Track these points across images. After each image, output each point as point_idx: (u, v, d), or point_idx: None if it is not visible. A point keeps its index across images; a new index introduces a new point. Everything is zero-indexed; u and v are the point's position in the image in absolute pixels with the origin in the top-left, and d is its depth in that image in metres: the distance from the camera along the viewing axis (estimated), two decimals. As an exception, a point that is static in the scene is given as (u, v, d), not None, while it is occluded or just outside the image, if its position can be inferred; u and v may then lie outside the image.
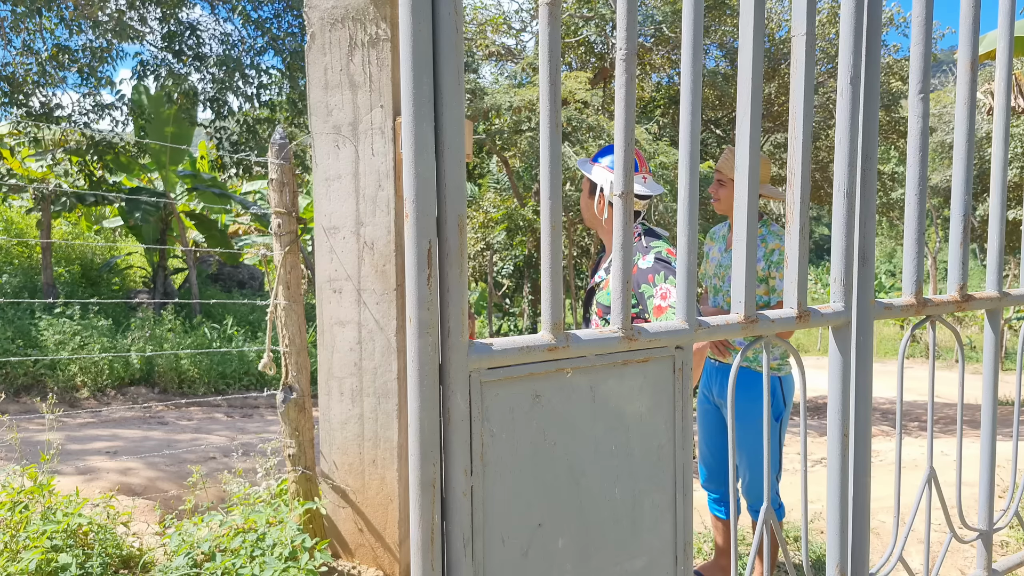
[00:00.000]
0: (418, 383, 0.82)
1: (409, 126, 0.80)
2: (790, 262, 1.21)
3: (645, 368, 1.04)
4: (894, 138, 15.60)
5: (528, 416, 0.93)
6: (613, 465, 1.02)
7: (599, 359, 0.98)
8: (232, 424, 7.21)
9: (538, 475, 0.94)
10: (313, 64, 3.05)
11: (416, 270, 0.81)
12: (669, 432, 1.07)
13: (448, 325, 0.83)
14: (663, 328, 1.04)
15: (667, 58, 14.67)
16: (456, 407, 0.84)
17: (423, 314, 0.81)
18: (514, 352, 0.89)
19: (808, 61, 1.15)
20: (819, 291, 30.81)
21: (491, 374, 0.88)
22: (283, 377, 3.13)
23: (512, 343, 0.89)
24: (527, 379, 0.92)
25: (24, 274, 11.39)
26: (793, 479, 6.33)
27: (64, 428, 6.25)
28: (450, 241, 0.82)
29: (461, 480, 0.86)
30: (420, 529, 0.84)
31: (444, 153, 0.81)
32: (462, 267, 0.82)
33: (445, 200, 0.82)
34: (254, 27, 11.28)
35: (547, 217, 0.93)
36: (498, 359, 0.88)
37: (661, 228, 3.90)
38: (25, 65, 9.64)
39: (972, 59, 1.41)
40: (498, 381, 0.89)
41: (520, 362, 0.91)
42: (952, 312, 1.43)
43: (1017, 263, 23.28)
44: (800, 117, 1.17)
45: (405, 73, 0.79)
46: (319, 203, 3.09)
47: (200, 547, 2.83)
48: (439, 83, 0.81)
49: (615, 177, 1.00)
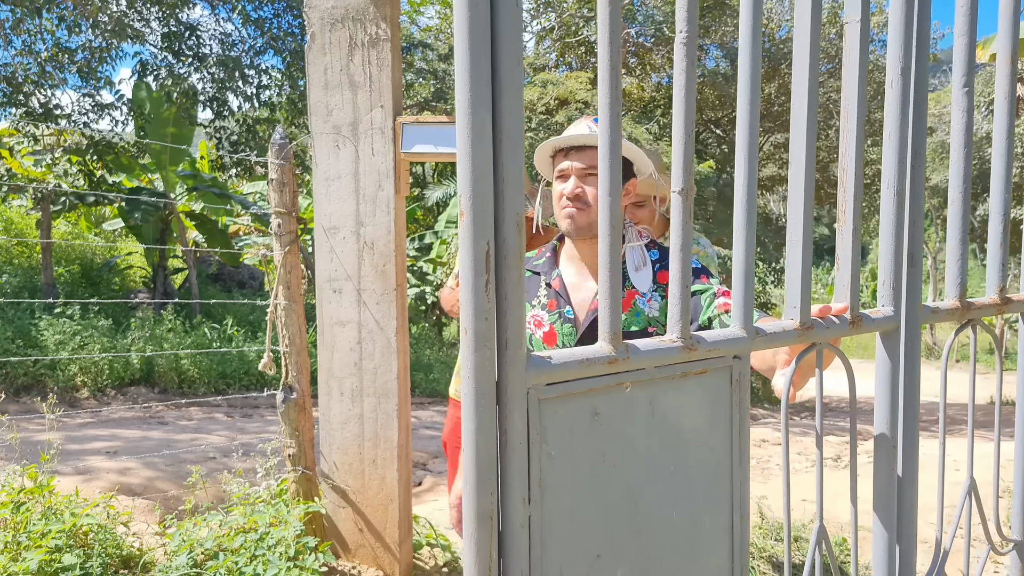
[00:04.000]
0: (475, 403, 0.73)
1: (465, 113, 0.71)
2: (843, 264, 1.15)
3: (703, 380, 0.97)
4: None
5: (587, 435, 0.85)
6: (671, 485, 0.95)
7: (658, 372, 0.91)
8: (232, 424, 7.21)
9: (596, 500, 0.87)
10: (313, 64, 3.05)
11: (472, 275, 0.71)
12: (726, 449, 1.01)
13: (506, 336, 0.74)
14: (721, 337, 0.97)
15: (667, 58, 14.66)
16: (514, 428, 0.76)
17: (481, 325, 0.72)
18: (573, 366, 0.81)
19: (863, 49, 1.08)
20: (819, 291, 30.81)
21: (549, 391, 0.80)
22: (283, 377, 3.13)
23: (571, 356, 0.82)
24: (586, 395, 0.84)
25: (24, 274, 11.39)
26: (793, 479, 6.34)
27: (64, 428, 6.25)
28: (508, 242, 0.73)
29: (519, 510, 0.78)
30: (477, 568, 0.76)
31: (502, 143, 0.72)
32: (521, 271, 0.74)
33: (503, 196, 0.73)
34: (254, 27, 11.28)
35: (606, 217, 0.84)
36: (557, 373, 0.80)
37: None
38: (25, 65, 9.64)
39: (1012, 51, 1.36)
40: (557, 398, 0.81)
41: (579, 376, 0.83)
42: (993, 315, 1.38)
43: (1018, 263, 23.29)
44: (854, 109, 1.10)
45: (460, 51, 0.70)
46: (319, 203, 3.09)
47: (202, 546, 2.83)
48: (497, 63, 0.72)
49: (675, 172, 0.91)
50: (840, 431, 9.61)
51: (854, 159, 1.12)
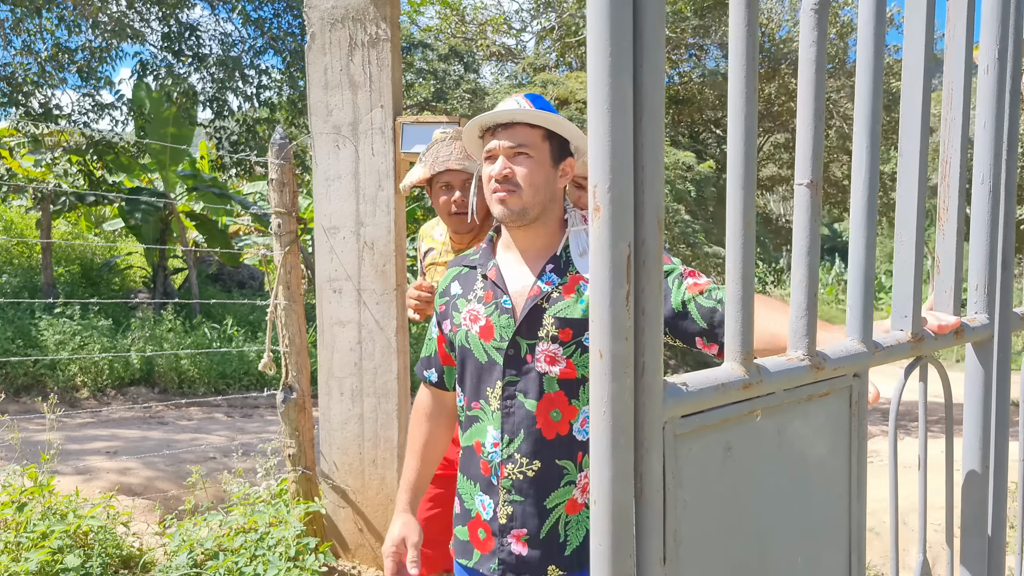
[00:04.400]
0: (611, 445, 0.59)
1: (602, 80, 0.56)
2: (944, 267, 1.02)
3: (826, 403, 0.84)
4: (895, 138, 15.61)
5: (720, 475, 0.73)
6: (795, 524, 0.82)
7: (787, 395, 0.79)
8: (232, 424, 7.21)
9: (727, 548, 0.75)
10: (313, 64, 3.05)
11: (611, 284, 0.57)
12: (845, 480, 0.88)
13: (643, 360, 0.61)
14: (843, 352, 0.85)
15: (667, 58, 14.66)
16: (651, 472, 0.63)
17: (620, 347, 0.57)
18: (710, 392, 0.68)
19: (969, 24, 0.95)
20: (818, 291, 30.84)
21: (684, 424, 0.67)
22: (283, 377, 3.13)
23: (706, 380, 0.69)
24: (720, 427, 0.72)
25: (24, 274, 11.39)
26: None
27: (63, 428, 6.25)
28: (648, 244, 0.60)
29: (656, 572, 0.65)
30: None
31: (643, 121, 0.58)
32: (659, 279, 0.61)
33: (644, 187, 0.59)
34: (254, 27, 11.28)
35: (738, 214, 0.71)
36: (692, 403, 0.67)
37: None
38: (25, 65, 9.64)
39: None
40: (692, 433, 0.68)
41: (714, 405, 0.70)
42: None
43: (1018, 262, 23.28)
44: (959, 94, 0.97)
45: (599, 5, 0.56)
46: (319, 203, 3.09)
47: (202, 546, 2.83)
48: (639, 24, 0.58)
49: (801, 161, 0.78)
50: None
51: (959, 149, 0.99)
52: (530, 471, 1.43)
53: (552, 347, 1.42)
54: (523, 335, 1.44)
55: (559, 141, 1.47)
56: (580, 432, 1.42)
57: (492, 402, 1.46)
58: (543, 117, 1.45)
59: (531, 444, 1.42)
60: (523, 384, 1.43)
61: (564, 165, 1.48)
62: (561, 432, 1.42)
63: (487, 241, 1.58)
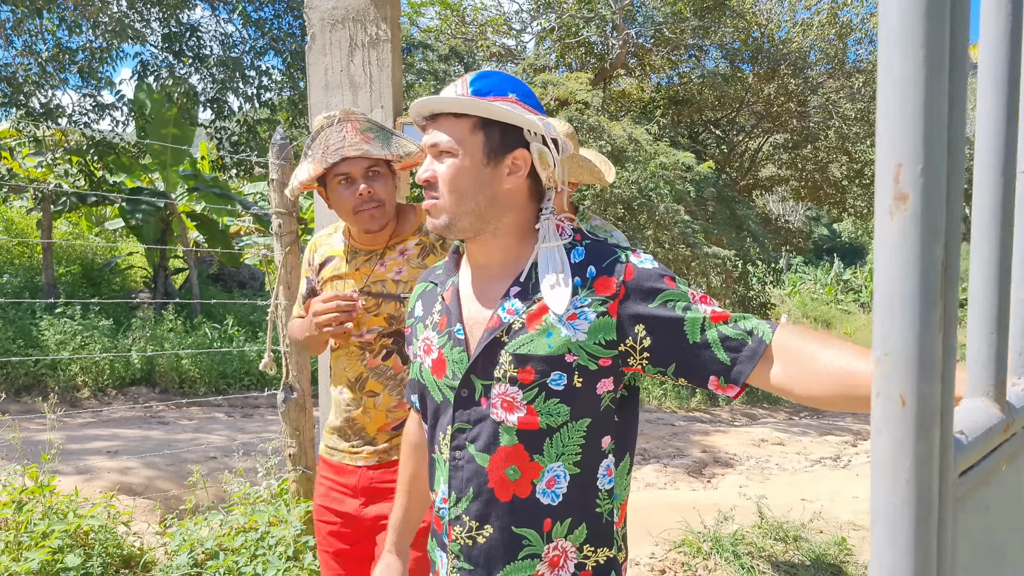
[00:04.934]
0: (913, 520, 0.43)
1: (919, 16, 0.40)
2: None
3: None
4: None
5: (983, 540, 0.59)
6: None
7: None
8: (232, 424, 7.22)
9: None
10: (313, 65, 3.06)
11: (920, 305, 0.42)
12: None
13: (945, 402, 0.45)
14: None
15: (667, 59, 14.67)
16: (944, 547, 0.46)
17: (929, 391, 0.43)
18: (981, 441, 0.54)
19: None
20: (817, 291, 30.86)
21: (963, 483, 0.53)
22: (283, 377, 3.14)
23: (975, 425, 0.55)
24: (984, 482, 0.57)
25: (25, 274, 11.41)
26: (792, 479, 6.34)
27: (64, 428, 6.26)
28: (954, 254, 0.45)
29: None
30: None
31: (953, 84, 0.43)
32: (956, 297, 0.45)
33: (954, 175, 0.44)
34: (255, 28, 11.29)
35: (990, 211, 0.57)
36: (969, 456, 0.53)
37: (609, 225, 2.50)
38: (25, 66, 9.66)
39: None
40: (968, 493, 0.54)
41: (981, 455, 0.56)
42: None
43: (1017, 263, 23.24)
44: None
45: None
46: (319, 203, 3.10)
47: (202, 546, 2.84)
48: None
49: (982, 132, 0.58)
50: (840, 431, 9.62)
51: None
52: (480, 537, 1.16)
53: (510, 389, 1.12)
54: (478, 374, 1.15)
55: (501, 130, 1.13)
56: (546, 494, 1.13)
57: (443, 450, 1.20)
58: (461, 103, 1.12)
59: (481, 505, 1.15)
60: (474, 432, 1.16)
61: (511, 159, 1.14)
62: (520, 494, 1.13)
63: (452, 252, 1.29)
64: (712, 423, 9.86)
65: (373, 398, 1.86)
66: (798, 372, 1.02)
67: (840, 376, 0.98)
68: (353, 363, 1.87)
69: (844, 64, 14.39)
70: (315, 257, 1.97)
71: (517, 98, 1.16)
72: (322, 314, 1.73)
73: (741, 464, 7.19)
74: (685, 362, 1.09)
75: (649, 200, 10.27)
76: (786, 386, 1.03)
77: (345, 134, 1.75)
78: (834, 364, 0.99)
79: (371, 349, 1.85)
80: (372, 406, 1.86)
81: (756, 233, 12.82)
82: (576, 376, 1.11)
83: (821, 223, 35.70)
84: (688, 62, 14.95)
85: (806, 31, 14.25)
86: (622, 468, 1.20)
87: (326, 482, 1.97)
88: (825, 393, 0.99)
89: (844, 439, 9.05)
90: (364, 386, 1.87)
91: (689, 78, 15.07)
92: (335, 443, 1.96)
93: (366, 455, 1.89)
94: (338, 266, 1.91)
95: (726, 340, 1.07)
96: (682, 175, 10.82)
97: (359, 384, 1.87)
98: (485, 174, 1.14)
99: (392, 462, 1.88)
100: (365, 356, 1.85)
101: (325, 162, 1.73)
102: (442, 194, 1.14)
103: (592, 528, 1.16)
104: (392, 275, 1.84)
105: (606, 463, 1.17)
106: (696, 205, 11.75)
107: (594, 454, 1.15)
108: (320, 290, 1.94)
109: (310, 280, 2.00)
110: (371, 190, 1.75)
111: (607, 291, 1.11)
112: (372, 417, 1.87)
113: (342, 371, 1.90)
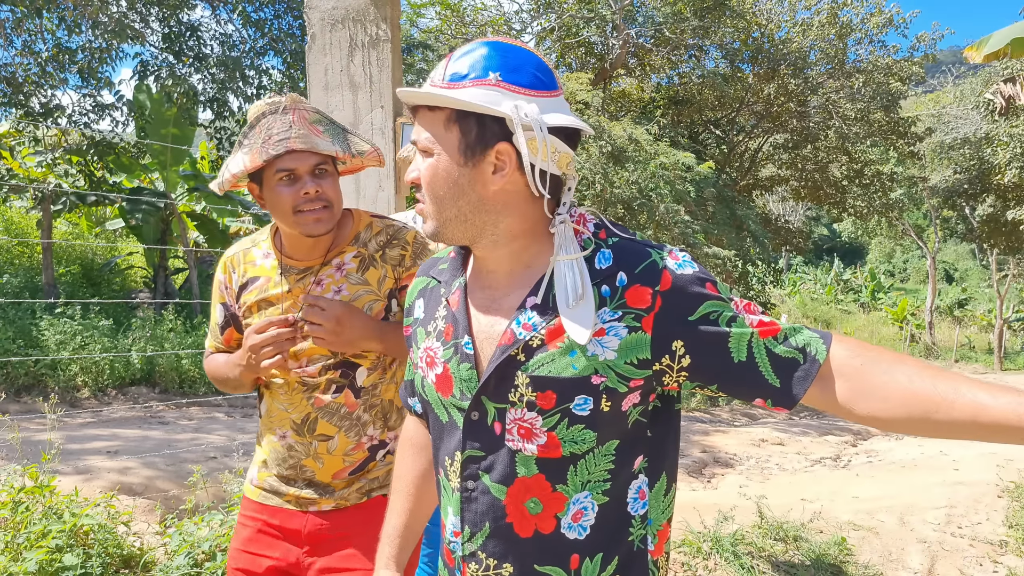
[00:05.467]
0: None
1: None
2: None
3: None
4: (894, 139, 15.61)
5: None
6: None
7: None
8: (232, 424, 7.22)
9: None
10: (313, 65, 3.05)
11: None
12: None
13: None
14: None
15: (667, 59, 14.67)
16: None
17: None
18: None
19: None
20: (817, 291, 30.83)
21: None
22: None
23: None
24: None
25: (25, 274, 11.41)
26: (792, 479, 6.34)
27: (64, 428, 6.26)
28: None
29: None
30: None
31: None
32: None
33: None
34: (255, 28, 11.29)
35: None
36: None
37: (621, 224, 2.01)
38: (25, 66, 9.66)
39: None
40: None
41: None
42: None
43: (1017, 263, 23.29)
44: None
45: None
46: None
47: (201, 546, 2.84)
48: None
49: None
50: (840, 431, 9.62)
51: None
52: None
53: (528, 415, 0.98)
54: (490, 396, 1.00)
55: (478, 121, 0.95)
56: (572, 528, 1.00)
57: (452, 478, 1.05)
58: (421, 94, 0.97)
59: (500, 542, 1.02)
60: (488, 462, 1.01)
61: (493, 155, 0.96)
62: (542, 529, 1.00)
63: (458, 247, 1.11)
64: (712, 423, 9.86)
65: (326, 442, 1.56)
66: (859, 393, 0.93)
67: (922, 396, 0.89)
68: (297, 402, 1.57)
69: (844, 64, 14.39)
70: (232, 279, 1.64)
71: (500, 78, 0.95)
72: (261, 347, 1.48)
73: (741, 464, 7.19)
74: (729, 382, 0.97)
75: (649, 200, 10.27)
76: (846, 406, 0.94)
77: (292, 123, 1.49)
78: (914, 383, 0.90)
79: (317, 386, 1.56)
80: (325, 451, 1.56)
81: (756, 233, 12.82)
82: (604, 400, 0.96)
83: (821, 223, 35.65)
84: (688, 62, 14.94)
85: (806, 31, 14.24)
86: (658, 489, 1.05)
87: (254, 523, 1.62)
88: (896, 416, 0.91)
89: (844, 439, 9.05)
90: (314, 429, 1.56)
91: (689, 78, 15.07)
92: (275, 486, 1.62)
93: (320, 502, 1.59)
94: (264, 287, 1.59)
95: (775, 360, 0.95)
96: (682, 175, 10.82)
97: (307, 427, 1.57)
98: (464, 175, 0.97)
99: (354, 507, 1.59)
100: (311, 394, 1.56)
101: (266, 153, 1.45)
102: (424, 198, 1.02)
103: (623, 560, 1.02)
104: (331, 295, 1.54)
105: (637, 484, 1.02)
106: (696, 205, 11.74)
107: (624, 477, 1.01)
108: (242, 318, 1.62)
109: (227, 307, 1.66)
110: (319, 189, 1.48)
111: (641, 303, 0.96)
112: (326, 464, 1.57)
113: (282, 412, 1.59)
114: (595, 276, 0.97)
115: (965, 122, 17.61)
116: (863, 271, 34.37)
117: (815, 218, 33.49)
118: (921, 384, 0.90)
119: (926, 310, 24.45)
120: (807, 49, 14.34)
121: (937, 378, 0.90)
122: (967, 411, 0.86)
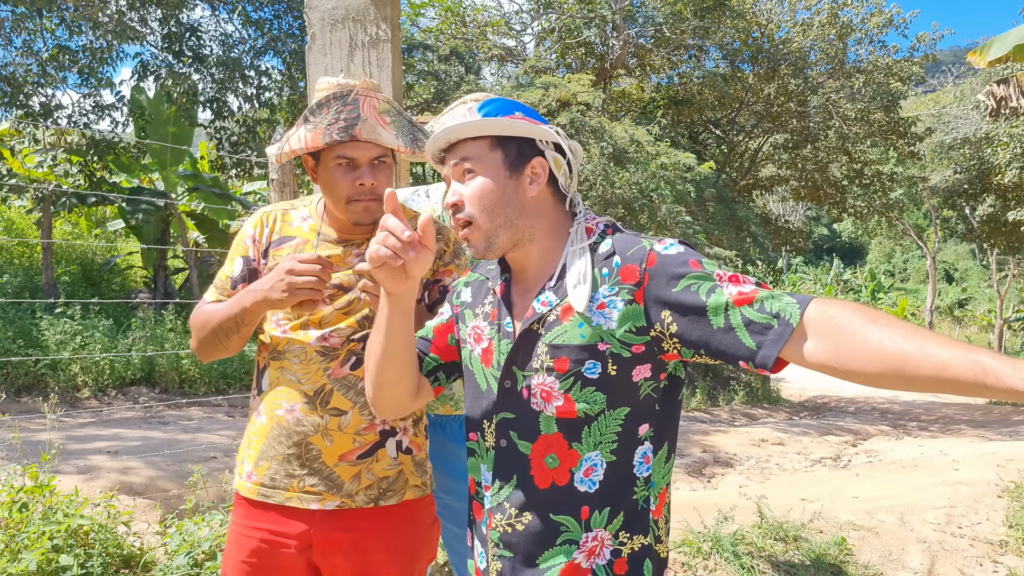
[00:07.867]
0: None
1: None
2: None
3: None
4: (894, 139, 15.61)
5: None
6: None
7: None
8: (233, 424, 7.22)
9: None
10: (313, 65, 3.05)
11: None
12: None
13: None
14: None
15: (667, 59, 14.67)
16: None
17: None
18: None
19: None
20: (817, 291, 30.82)
21: None
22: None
23: None
24: None
25: (25, 274, 11.41)
26: (792, 479, 6.34)
27: (64, 428, 6.26)
28: None
29: None
30: None
31: None
32: None
33: None
34: (254, 28, 11.29)
35: None
36: None
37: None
38: (25, 65, 9.66)
39: None
40: None
41: None
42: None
43: (1017, 263, 23.29)
44: None
45: None
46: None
47: (201, 546, 2.84)
48: None
49: None
50: (840, 431, 9.62)
51: None
52: (519, 524, 1.21)
53: (548, 380, 1.18)
54: (518, 365, 1.22)
55: (516, 144, 1.23)
56: (583, 482, 1.18)
57: (488, 437, 1.26)
58: (480, 125, 1.22)
59: (521, 493, 1.21)
60: (517, 422, 1.22)
61: (530, 168, 1.23)
62: (558, 481, 1.19)
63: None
64: (712, 423, 9.86)
65: (339, 417, 1.50)
66: (837, 349, 1.02)
67: (891, 355, 0.97)
68: (312, 372, 1.51)
69: (844, 64, 14.38)
70: (263, 233, 1.60)
71: (523, 115, 1.26)
72: (302, 274, 1.40)
73: (741, 464, 7.19)
74: (713, 346, 1.10)
75: (650, 200, 10.27)
76: (824, 363, 1.03)
77: (360, 112, 1.50)
78: (884, 342, 0.98)
79: (336, 356, 1.52)
80: (336, 427, 1.50)
81: (756, 233, 12.82)
82: (610, 364, 1.17)
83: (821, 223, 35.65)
84: (688, 62, 14.94)
85: (806, 31, 14.24)
86: (660, 456, 1.22)
87: (254, 532, 1.53)
88: (871, 370, 0.99)
89: (844, 439, 9.05)
90: (327, 402, 1.50)
91: (689, 78, 15.07)
92: (273, 479, 1.52)
93: (325, 498, 1.50)
94: (300, 248, 1.58)
95: (750, 324, 1.07)
96: (683, 175, 10.82)
97: (320, 399, 1.51)
98: (510, 186, 1.23)
99: (361, 510, 1.52)
100: (328, 364, 1.51)
101: (329, 136, 1.47)
102: (473, 214, 1.23)
103: (628, 515, 1.19)
104: None
105: (642, 450, 1.20)
106: (696, 205, 11.75)
107: (631, 441, 1.19)
108: (264, 273, 1.56)
109: (249, 260, 1.59)
110: (374, 183, 1.50)
111: (631, 279, 1.17)
112: (335, 442, 1.50)
113: (293, 383, 1.52)
114: (597, 260, 1.21)
115: (965, 122, 17.60)
116: (863, 271, 34.38)
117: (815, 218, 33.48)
118: (891, 344, 0.98)
119: (926, 310, 24.46)
120: (807, 49, 14.34)
121: (907, 338, 0.98)
122: (931, 369, 0.95)
